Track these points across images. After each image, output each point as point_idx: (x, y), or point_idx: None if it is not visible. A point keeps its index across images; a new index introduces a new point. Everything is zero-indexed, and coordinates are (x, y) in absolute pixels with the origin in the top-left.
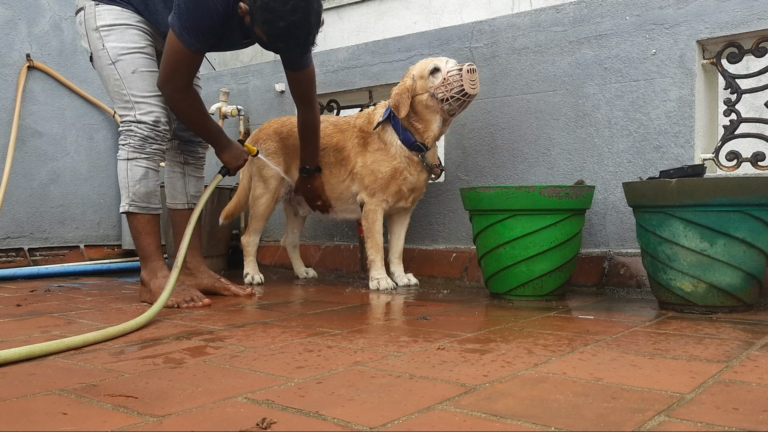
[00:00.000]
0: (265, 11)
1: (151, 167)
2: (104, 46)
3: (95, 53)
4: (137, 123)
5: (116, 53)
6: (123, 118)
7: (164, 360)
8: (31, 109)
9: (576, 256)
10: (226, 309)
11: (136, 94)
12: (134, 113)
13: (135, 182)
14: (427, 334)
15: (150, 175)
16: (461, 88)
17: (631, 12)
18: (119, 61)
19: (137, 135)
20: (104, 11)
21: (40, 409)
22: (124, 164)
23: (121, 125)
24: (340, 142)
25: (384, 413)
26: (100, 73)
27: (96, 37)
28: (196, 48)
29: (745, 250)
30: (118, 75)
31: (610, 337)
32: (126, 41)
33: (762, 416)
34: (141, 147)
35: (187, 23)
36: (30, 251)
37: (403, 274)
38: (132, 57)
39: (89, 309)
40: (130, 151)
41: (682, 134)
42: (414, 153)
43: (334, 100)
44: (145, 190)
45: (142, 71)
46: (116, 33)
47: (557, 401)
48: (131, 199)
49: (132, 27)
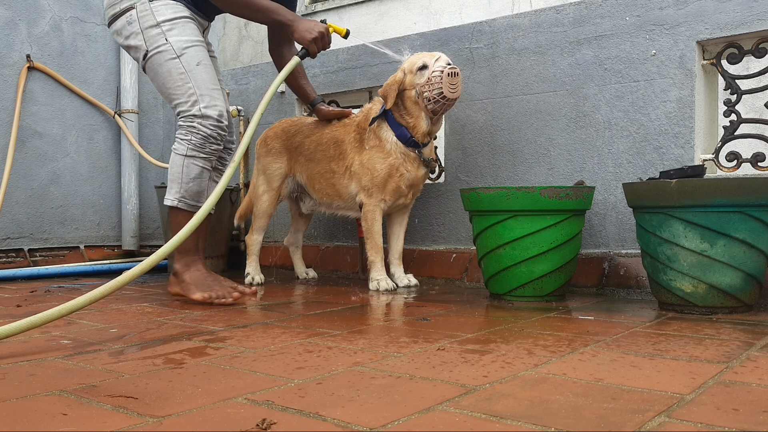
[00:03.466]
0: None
1: (207, 167)
2: (167, 41)
3: (154, 50)
4: (201, 118)
5: (181, 46)
6: (185, 113)
7: (164, 360)
8: (31, 109)
9: (576, 257)
10: (226, 309)
11: (201, 86)
12: (199, 107)
13: (189, 180)
14: (427, 335)
15: (204, 175)
16: (441, 91)
17: (631, 13)
18: (184, 54)
19: (200, 133)
20: (161, 6)
21: (40, 410)
22: (181, 159)
23: (182, 120)
24: (339, 135)
25: (384, 414)
26: (159, 69)
27: (156, 32)
28: None
29: (745, 251)
30: (183, 68)
31: (610, 337)
32: (188, 34)
33: (762, 417)
34: (201, 146)
35: None
36: (30, 252)
37: (404, 275)
38: (195, 49)
39: (89, 310)
40: (189, 148)
41: (682, 135)
42: (410, 149)
43: (334, 101)
44: (197, 189)
45: (206, 64)
46: (178, 27)
47: (557, 402)
48: (181, 195)
49: (191, 20)
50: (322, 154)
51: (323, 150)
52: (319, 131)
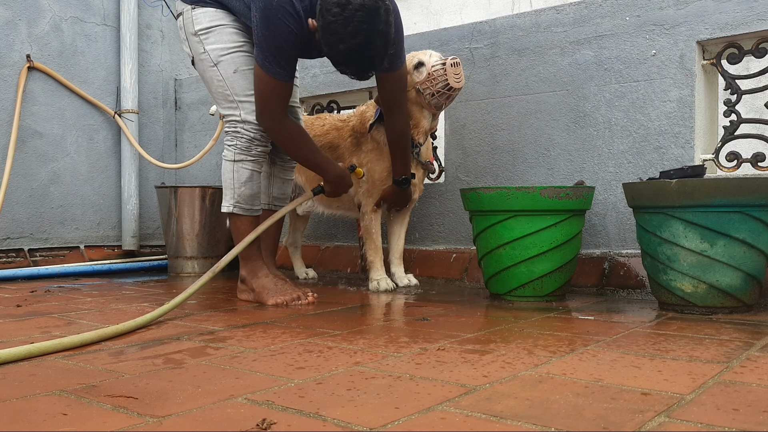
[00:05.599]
0: (327, 33)
1: (256, 170)
2: (205, 50)
3: (197, 57)
4: (243, 123)
5: (217, 55)
6: (228, 118)
7: (164, 360)
8: (32, 109)
9: (576, 257)
10: (226, 310)
11: (239, 93)
12: (239, 113)
13: (241, 184)
14: (427, 335)
15: (254, 177)
16: (446, 82)
17: (631, 13)
18: (221, 63)
19: (244, 137)
20: (200, 14)
21: (40, 410)
22: (230, 165)
23: (227, 126)
24: (335, 140)
25: (384, 414)
26: (203, 75)
27: (196, 41)
28: (282, 75)
29: (745, 251)
30: (221, 76)
31: (610, 337)
32: (224, 42)
33: (762, 417)
34: (248, 149)
35: (267, 52)
36: (30, 252)
37: (404, 275)
38: (232, 56)
39: (89, 310)
40: (237, 152)
41: (682, 135)
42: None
43: (334, 101)
44: (250, 192)
45: (244, 70)
46: (214, 35)
47: (557, 402)
48: (236, 200)
49: (228, 26)
50: None
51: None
52: (313, 134)
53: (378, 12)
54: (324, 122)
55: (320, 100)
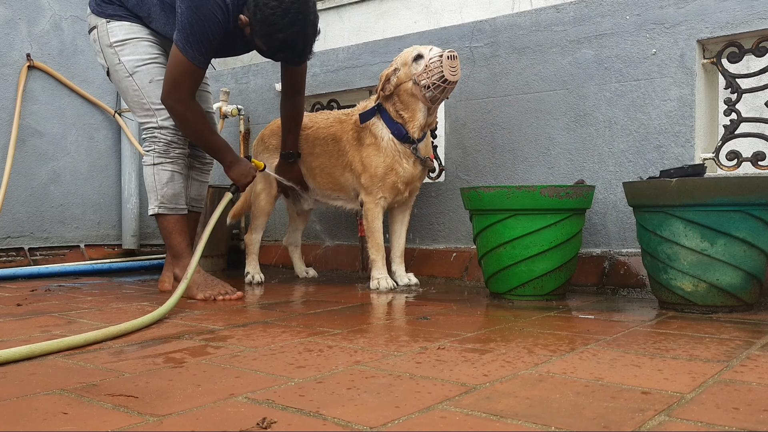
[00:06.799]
0: (264, 24)
1: (177, 170)
2: (120, 61)
3: (112, 68)
4: (160, 129)
5: (132, 66)
6: (146, 125)
7: (165, 360)
8: (32, 108)
9: (576, 256)
10: (226, 309)
11: (155, 101)
12: (156, 119)
13: (162, 185)
14: (427, 334)
15: (176, 177)
16: (441, 75)
17: (631, 11)
18: (136, 73)
19: (161, 141)
20: (116, 27)
21: (40, 409)
22: (151, 169)
23: (144, 133)
24: (337, 132)
25: (384, 413)
26: (118, 85)
27: (111, 53)
28: (199, 61)
29: (746, 250)
30: (137, 86)
31: (610, 336)
32: (140, 53)
33: (762, 416)
34: (166, 152)
35: (190, 38)
36: (30, 251)
37: (404, 274)
38: (147, 68)
39: (89, 309)
40: (155, 156)
41: (682, 134)
42: (406, 146)
43: (334, 100)
44: (172, 192)
45: (158, 80)
46: (129, 47)
47: (557, 401)
48: (160, 201)
49: (143, 39)
50: (321, 149)
51: (322, 145)
52: (316, 127)
53: (309, 3)
54: (328, 116)
55: (320, 99)
